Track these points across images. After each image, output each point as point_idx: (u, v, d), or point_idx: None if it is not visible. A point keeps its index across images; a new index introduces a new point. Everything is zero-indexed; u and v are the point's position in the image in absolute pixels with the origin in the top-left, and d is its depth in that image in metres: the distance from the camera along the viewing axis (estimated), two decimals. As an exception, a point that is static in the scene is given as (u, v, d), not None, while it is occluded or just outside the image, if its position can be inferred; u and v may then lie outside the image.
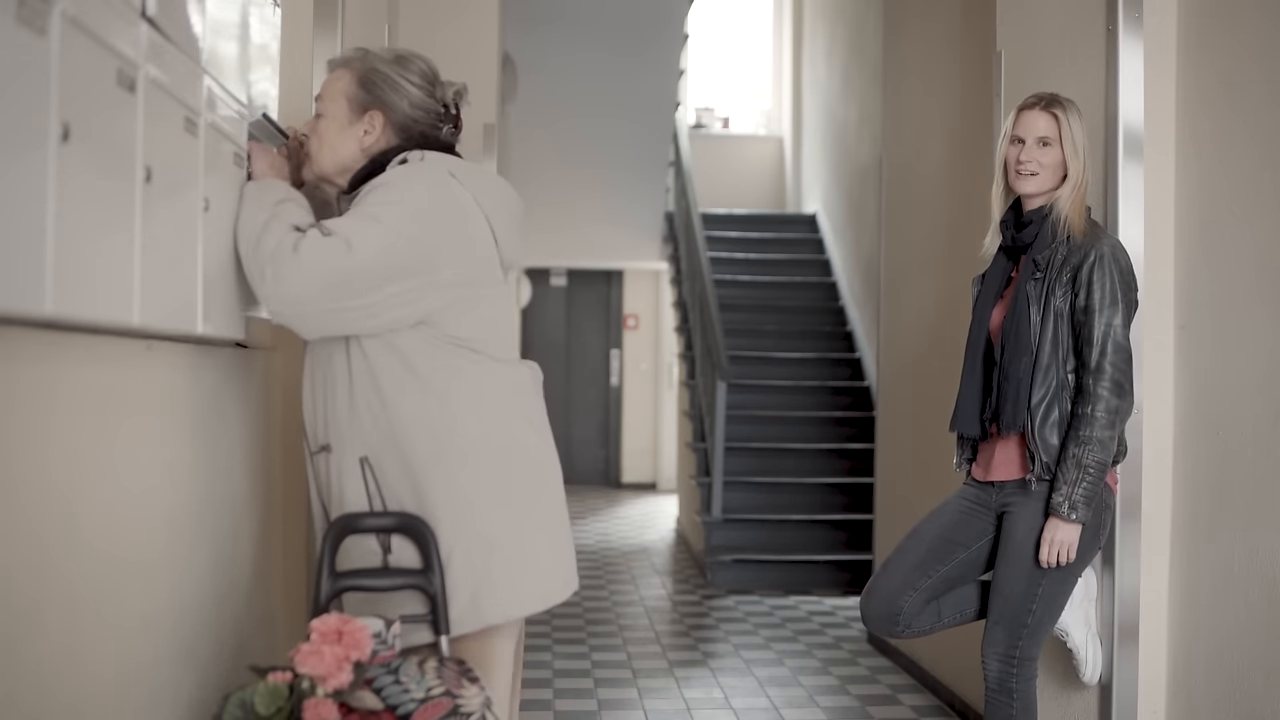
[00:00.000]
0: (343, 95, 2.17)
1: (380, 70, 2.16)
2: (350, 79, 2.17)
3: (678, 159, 9.32)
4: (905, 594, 2.74)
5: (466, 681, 1.80)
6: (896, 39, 5.50)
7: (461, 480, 2.07)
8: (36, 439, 1.30)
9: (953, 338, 3.53)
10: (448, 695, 1.74)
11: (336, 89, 2.18)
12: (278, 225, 1.99)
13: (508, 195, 2.24)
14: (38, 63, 1.16)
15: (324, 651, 1.64)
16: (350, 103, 2.16)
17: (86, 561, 1.44)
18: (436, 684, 1.76)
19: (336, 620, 1.70)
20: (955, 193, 4.58)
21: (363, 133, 2.16)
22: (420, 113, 2.17)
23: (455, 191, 2.11)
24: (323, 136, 2.18)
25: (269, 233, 1.98)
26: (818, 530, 7.06)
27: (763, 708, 4.31)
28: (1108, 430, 2.53)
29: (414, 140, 2.17)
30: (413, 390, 2.07)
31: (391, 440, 2.07)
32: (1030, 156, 2.64)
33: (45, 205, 1.19)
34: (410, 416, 2.07)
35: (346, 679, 1.65)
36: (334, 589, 1.98)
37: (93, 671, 1.47)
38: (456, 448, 2.07)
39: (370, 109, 2.16)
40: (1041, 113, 2.64)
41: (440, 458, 2.06)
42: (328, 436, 2.13)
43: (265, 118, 2.23)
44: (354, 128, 2.16)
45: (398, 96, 2.16)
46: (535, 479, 2.18)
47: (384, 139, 2.16)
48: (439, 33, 4.77)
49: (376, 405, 2.07)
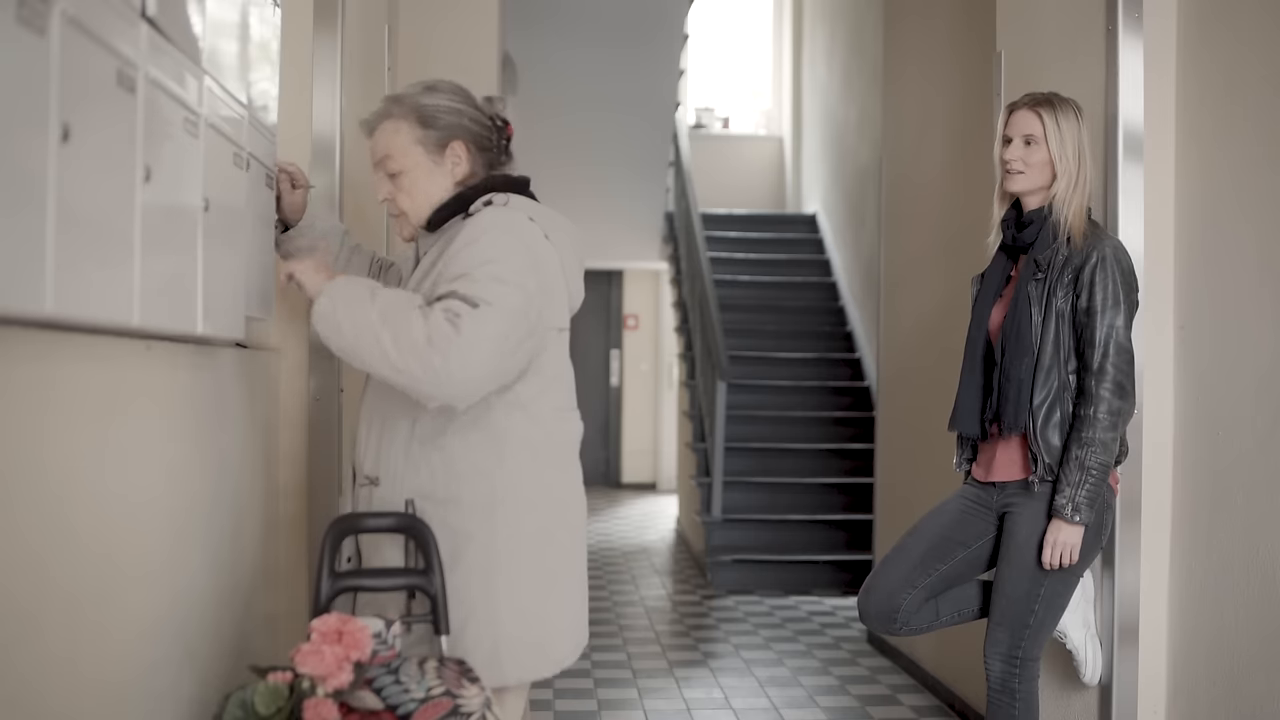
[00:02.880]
0: (415, 144, 2.13)
1: (430, 104, 2.14)
2: (410, 125, 2.13)
3: (678, 159, 9.32)
4: (904, 592, 2.74)
5: (467, 681, 1.81)
6: (896, 39, 5.49)
7: (500, 539, 2.07)
8: (36, 439, 1.29)
9: (953, 338, 3.53)
10: (448, 695, 1.75)
11: (404, 141, 2.13)
12: (404, 316, 1.92)
13: (575, 237, 2.21)
14: (38, 63, 1.16)
15: (324, 651, 1.65)
16: (426, 146, 2.13)
17: (85, 562, 1.44)
18: (437, 684, 1.76)
19: (336, 620, 1.71)
20: (955, 193, 4.58)
21: (451, 166, 2.14)
22: (483, 130, 2.17)
23: (540, 238, 2.09)
24: (413, 191, 2.14)
25: (403, 327, 1.91)
26: (818, 530, 7.06)
27: (763, 708, 4.31)
28: (1110, 431, 2.53)
29: (493, 163, 2.17)
30: (477, 444, 2.07)
31: (444, 488, 2.07)
32: (1015, 155, 2.64)
33: (45, 205, 1.18)
34: (469, 469, 2.07)
35: (347, 679, 1.65)
36: (334, 589, 1.98)
37: (92, 673, 1.47)
38: (505, 505, 2.07)
39: (449, 142, 2.14)
40: (1027, 111, 2.64)
41: (488, 513, 2.06)
42: (378, 470, 2.13)
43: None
44: (442, 166, 2.14)
45: (461, 119, 2.14)
46: (570, 541, 2.18)
47: (469, 164, 2.15)
48: (439, 32, 4.77)
49: (436, 454, 2.07)
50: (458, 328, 1.90)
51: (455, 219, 2.12)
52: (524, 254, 2.03)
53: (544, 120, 7.93)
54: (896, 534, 4.50)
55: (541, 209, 2.17)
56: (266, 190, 2.38)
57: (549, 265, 2.10)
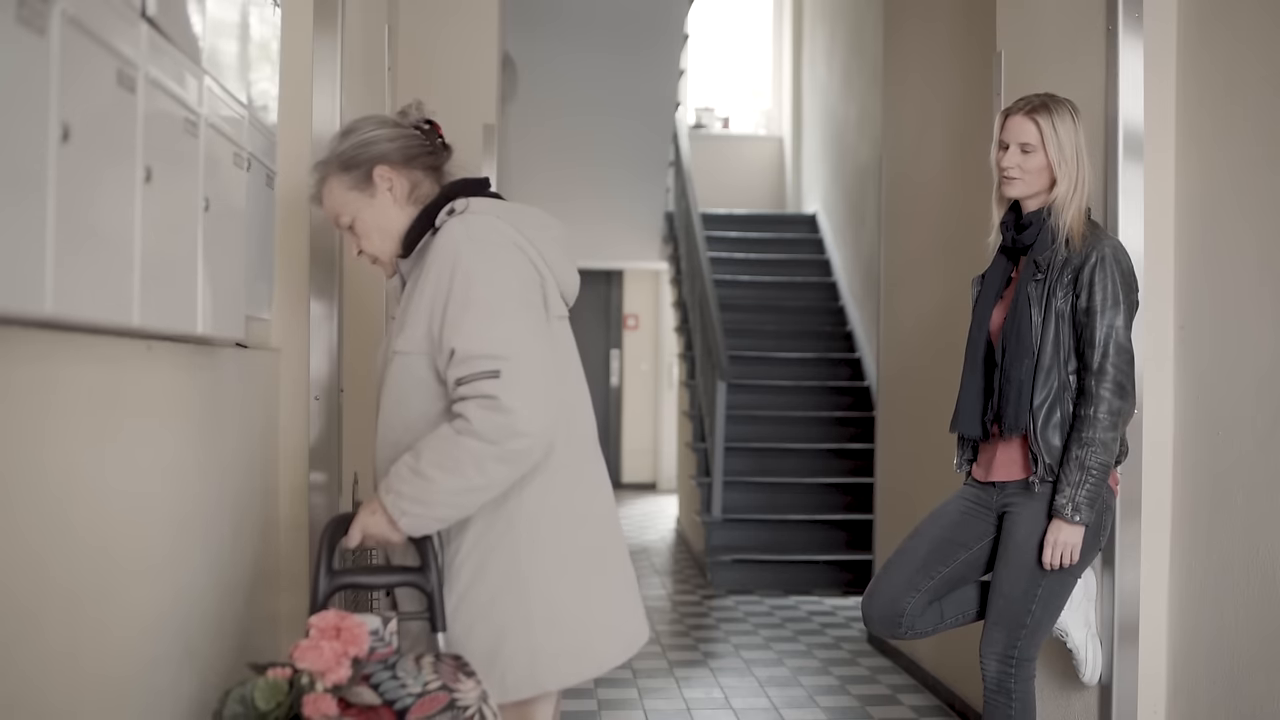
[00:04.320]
0: (346, 190, 2.11)
1: (346, 148, 2.12)
2: (338, 176, 2.11)
3: (678, 159, 9.32)
4: (908, 595, 2.74)
5: (463, 676, 1.81)
6: (896, 39, 5.49)
7: (523, 548, 2.03)
8: (36, 439, 1.30)
9: (953, 338, 3.53)
10: (444, 689, 1.75)
11: (340, 193, 2.12)
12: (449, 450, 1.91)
13: (548, 225, 2.17)
14: (38, 63, 1.16)
15: (323, 647, 1.65)
16: (356, 188, 2.11)
17: (86, 561, 1.44)
18: (433, 679, 1.76)
19: (335, 617, 1.71)
20: (955, 193, 4.58)
21: (387, 191, 2.11)
22: (404, 143, 2.12)
23: (506, 233, 2.05)
24: (369, 233, 2.12)
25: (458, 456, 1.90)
26: (818, 530, 7.06)
27: (763, 708, 4.31)
28: (1110, 431, 2.53)
29: (434, 166, 2.14)
30: None
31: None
32: (1012, 162, 2.63)
33: (45, 205, 1.18)
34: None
35: (345, 674, 1.65)
36: (331, 586, 1.98)
37: (92, 672, 1.47)
38: (524, 513, 2.03)
39: (371, 171, 2.10)
40: (1024, 119, 2.63)
41: (509, 524, 2.03)
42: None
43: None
44: (378, 197, 2.11)
45: (377, 145, 2.11)
46: (597, 539, 2.13)
47: (406, 181, 2.12)
48: (439, 33, 4.77)
49: None
50: (503, 409, 1.89)
51: (426, 236, 2.09)
52: (490, 264, 1.99)
53: (544, 121, 7.94)
54: (897, 534, 4.50)
55: (507, 206, 2.13)
56: (267, 190, 2.38)
57: (519, 260, 2.05)
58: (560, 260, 2.14)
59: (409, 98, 2.28)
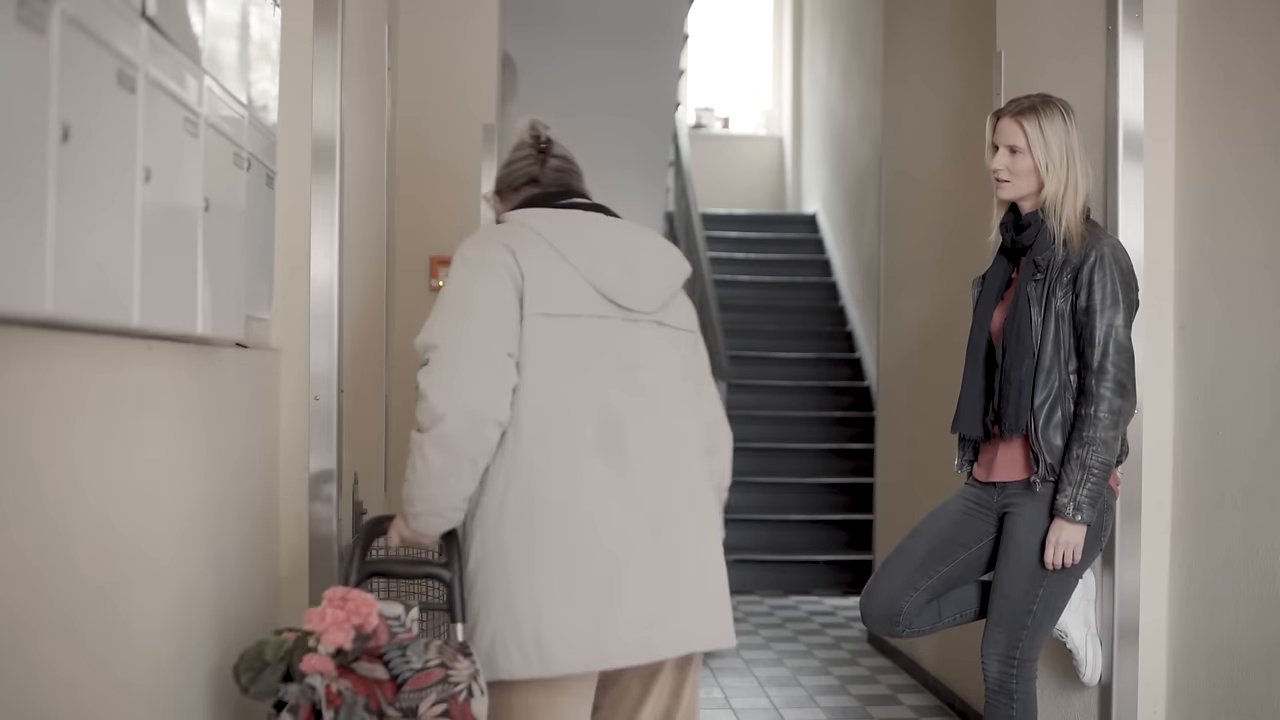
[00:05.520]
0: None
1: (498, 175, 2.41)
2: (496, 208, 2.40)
3: (678, 159, 9.32)
4: (906, 594, 2.74)
5: (461, 656, 1.98)
6: (896, 39, 5.50)
7: (505, 533, 2.06)
8: (36, 439, 1.29)
9: (953, 338, 3.53)
10: (441, 666, 1.95)
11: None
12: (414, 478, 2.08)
13: (587, 227, 2.22)
14: (38, 63, 1.16)
15: (328, 614, 1.87)
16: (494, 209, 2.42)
17: (85, 562, 1.44)
18: (434, 658, 1.96)
19: (343, 590, 1.93)
20: (955, 193, 4.58)
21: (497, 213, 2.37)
22: (512, 165, 2.37)
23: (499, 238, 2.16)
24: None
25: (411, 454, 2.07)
26: (818, 530, 7.06)
27: (763, 708, 4.31)
28: (1111, 431, 2.53)
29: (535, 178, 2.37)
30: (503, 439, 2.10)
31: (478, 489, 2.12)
32: (1001, 164, 2.65)
33: (45, 205, 1.18)
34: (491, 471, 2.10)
35: (346, 639, 1.85)
36: (363, 573, 2.17)
37: (92, 673, 1.47)
38: (510, 500, 2.07)
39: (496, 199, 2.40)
40: (1011, 121, 2.63)
41: (500, 510, 2.07)
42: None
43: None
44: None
45: (501, 173, 2.39)
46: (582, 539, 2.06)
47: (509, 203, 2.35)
48: (439, 33, 4.77)
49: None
50: (422, 394, 2.03)
51: None
52: (463, 272, 2.11)
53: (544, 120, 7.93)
54: (897, 534, 4.50)
55: (547, 213, 2.22)
56: (267, 190, 2.38)
57: (494, 264, 2.10)
58: (585, 256, 2.16)
59: (409, 98, 2.29)
